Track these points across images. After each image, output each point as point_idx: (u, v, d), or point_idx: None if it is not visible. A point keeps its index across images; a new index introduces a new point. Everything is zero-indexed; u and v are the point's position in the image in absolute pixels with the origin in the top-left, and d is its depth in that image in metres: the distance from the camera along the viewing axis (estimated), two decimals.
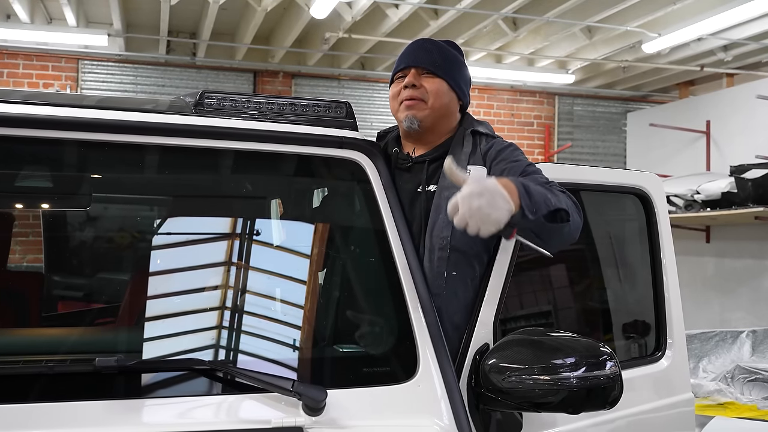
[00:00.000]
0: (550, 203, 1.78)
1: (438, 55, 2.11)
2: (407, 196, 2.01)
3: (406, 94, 2.07)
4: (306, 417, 1.55)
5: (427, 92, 2.06)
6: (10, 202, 2.05)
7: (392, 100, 2.13)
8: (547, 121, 9.94)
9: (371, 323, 1.88)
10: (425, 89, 2.06)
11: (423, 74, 2.08)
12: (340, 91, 9.05)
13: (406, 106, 2.07)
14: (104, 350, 1.70)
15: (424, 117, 2.06)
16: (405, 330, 1.77)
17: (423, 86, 2.07)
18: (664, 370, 2.37)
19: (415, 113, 2.05)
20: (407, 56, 2.13)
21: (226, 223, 1.99)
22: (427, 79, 2.08)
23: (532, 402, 1.68)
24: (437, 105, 2.07)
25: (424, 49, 2.12)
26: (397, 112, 2.10)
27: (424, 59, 2.09)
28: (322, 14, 6.45)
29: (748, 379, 5.04)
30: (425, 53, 2.11)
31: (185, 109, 1.89)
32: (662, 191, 2.51)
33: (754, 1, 6.01)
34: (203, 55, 8.42)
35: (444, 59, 2.11)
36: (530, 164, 1.97)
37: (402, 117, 2.08)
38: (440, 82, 2.08)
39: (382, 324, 1.86)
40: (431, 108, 2.06)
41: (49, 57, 8.15)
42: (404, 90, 2.07)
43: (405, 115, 2.06)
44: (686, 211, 7.05)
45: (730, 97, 7.90)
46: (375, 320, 1.87)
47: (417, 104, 2.06)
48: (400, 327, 1.79)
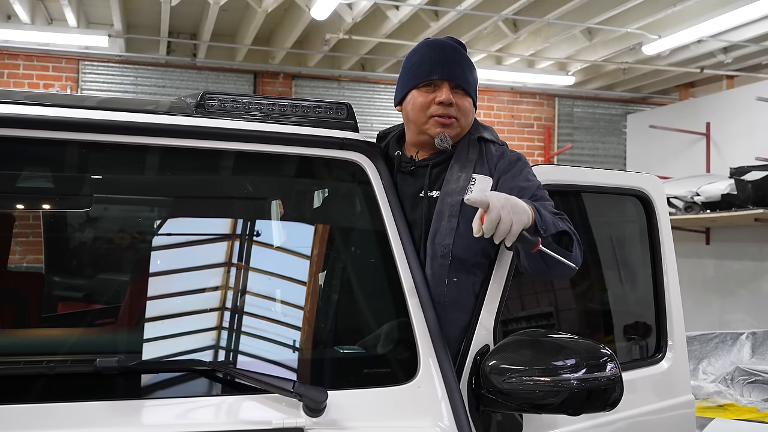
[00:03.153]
0: (557, 224, 1.80)
1: (468, 70, 2.06)
2: (409, 200, 2.00)
3: (442, 111, 2.00)
4: (306, 418, 1.55)
5: (459, 110, 2.02)
6: (11, 203, 2.05)
7: (419, 111, 2.03)
8: (547, 123, 9.95)
9: (372, 324, 1.88)
10: (458, 107, 2.02)
11: (455, 89, 2.02)
12: (340, 93, 9.05)
13: (440, 123, 2.01)
14: (105, 351, 1.70)
15: (455, 135, 2.03)
16: (405, 331, 1.77)
17: (456, 104, 2.01)
18: (664, 371, 2.37)
19: (449, 132, 2.01)
20: (441, 66, 2.03)
21: (227, 224, 1.99)
22: (459, 95, 2.02)
23: (533, 403, 1.68)
24: (466, 124, 2.05)
25: (456, 61, 2.04)
26: (425, 124, 2.03)
27: (459, 75, 2.03)
28: (322, 15, 6.45)
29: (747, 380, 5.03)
30: (459, 68, 2.04)
31: (186, 110, 1.89)
32: (662, 193, 2.51)
33: (754, 4, 6.02)
34: (204, 56, 8.43)
35: (471, 73, 2.07)
36: (539, 187, 1.96)
37: (434, 133, 2.02)
38: (469, 100, 2.05)
39: (383, 325, 1.86)
40: (462, 127, 2.04)
41: (49, 58, 8.16)
42: (437, 106, 2.01)
43: (439, 132, 2.01)
44: (686, 212, 7.05)
45: (730, 99, 7.90)
46: (375, 321, 1.87)
47: (452, 123, 2.02)
48: (401, 328, 1.80)
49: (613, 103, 10.22)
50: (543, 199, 1.92)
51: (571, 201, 2.32)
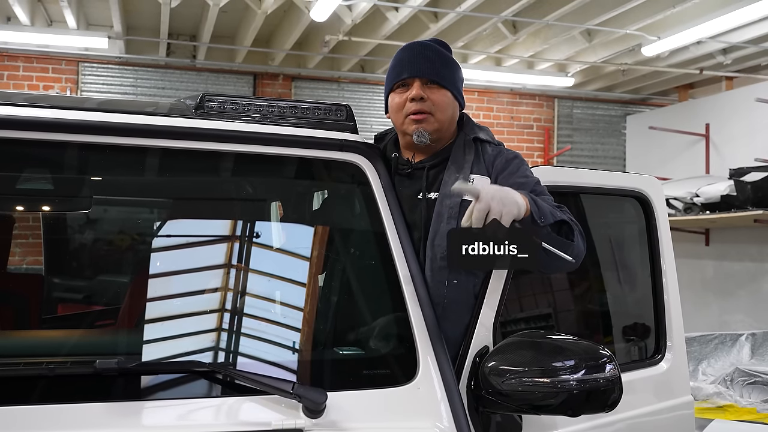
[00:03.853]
0: (555, 214, 1.82)
1: (440, 64, 2.05)
2: (407, 202, 2.00)
3: (414, 108, 2.01)
4: (306, 419, 1.55)
5: (433, 105, 2.01)
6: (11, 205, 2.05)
7: (396, 112, 2.06)
8: (546, 124, 9.95)
9: (371, 325, 1.88)
10: (431, 101, 2.01)
11: (427, 84, 2.03)
12: (339, 94, 9.05)
13: (414, 120, 2.01)
14: (105, 352, 1.70)
15: (433, 130, 2.02)
16: (405, 332, 1.77)
17: (429, 98, 2.01)
18: (663, 372, 2.37)
19: (424, 127, 2.01)
20: (409, 65, 2.05)
21: (227, 225, 1.99)
22: (432, 90, 2.02)
23: (532, 404, 1.68)
24: (444, 117, 2.04)
25: (425, 57, 2.05)
26: (402, 124, 2.05)
27: (429, 70, 2.03)
28: (322, 17, 6.46)
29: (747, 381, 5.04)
30: (428, 63, 2.04)
31: (186, 112, 1.89)
32: (662, 194, 2.51)
33: (754, 5, 6.03)
34: (203, 58, 8.43)
35: (446, 67, 2.06)
36: (538, 182, 1.96)
37: (410, 131, 2.03)
38: (445, 92, 2.03)
39: (382, 326, 1.86)
40: (439, 121, 2.03)
41: (49, 59, 8.16)
42: (410, 103, 2.02)
43: (414, 128, 2.01)
44: (685, 214, 7.06)
45: (730, 100, 7.90)
46: (375, 322, 1.88)
47: (426, 118, 2.01)
48: (400, 329, 1.80)
49: (612, 105, 10.22)
50: (542, 194, 1.93)
51: (570, 202, 2.33)
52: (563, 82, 8.98)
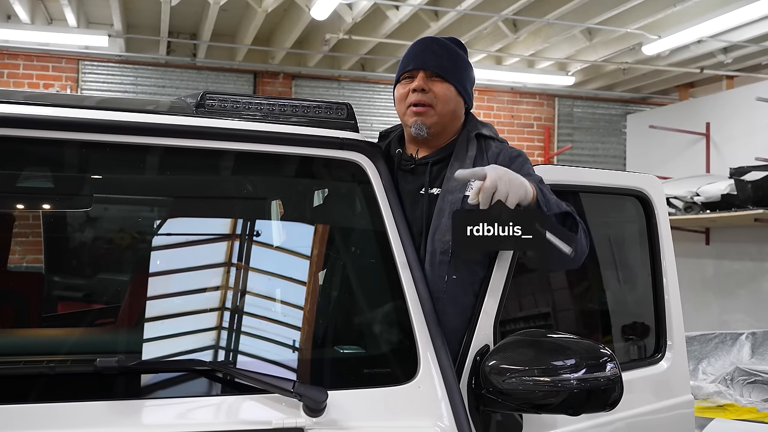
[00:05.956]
0: (561, 205, 1.83)
1: (447, 58, 2.06)
2: (409, 198, 2.01)
3: (414, 99, 2.02)
4: (306, 418, 1.55)
5: (435, 97, 2.02)
6: (11, 203, 2.05)
7: (399, 102, 2.08)
8: (547, 123, 9.95)
9: (372, 324, 1.88)
10: (434, 93, 2.02)
11: (432, 77, 2.03)
12: (340, 93, 9.05)
13: (414, 112, 2.02)
14: (105, 351, 1.70)
15: (432, 123, 2.03)
16: (405, 331, 1.77)
17: (432, 90, 2.02)
18: (663, 371, 2.37)
19: (423, 120, 2.02)
20: (415, 57, 2.06)
21: (227, 224, 1.99)
22: (435, 83, 2.03)
23: (533, 403, 1.68)
24: (445, 111, 2.04)
25: (432, 51, 2.06)
26: (404, 115, 2.07)
27: (433, 62, 2.04)
28: (322, 15, 6.45)
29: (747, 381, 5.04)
30: (434, 56, 2.05)
31: (186, 110, 1.89)
32: (662, 193, 2.51)
33: (754, 4, 6.02)
34: (203, 56, 8.43)
35: (452, 62, 2.06)
36: (541, 181, 1.96)
37: (410, 122, 2.04)
38: (448, 86, 2.04)
39: (383, 325, 1.86)
40: (439, 114, 2.03)
41: (49, 57, 8.16)
42: (412, 94, 2.03)
43: (414, 121, 2.02)
44: (686, 213, 7.05)
45: (730, 99, 7.90)
46: (375, 321, 1.88)
47: (426, 111, 2.02)
48: (401, 328, 1.80)
49: (612, 104, 10.22)
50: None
51: (571, 201, 2.32)
52: (564, 80, 8.98)
